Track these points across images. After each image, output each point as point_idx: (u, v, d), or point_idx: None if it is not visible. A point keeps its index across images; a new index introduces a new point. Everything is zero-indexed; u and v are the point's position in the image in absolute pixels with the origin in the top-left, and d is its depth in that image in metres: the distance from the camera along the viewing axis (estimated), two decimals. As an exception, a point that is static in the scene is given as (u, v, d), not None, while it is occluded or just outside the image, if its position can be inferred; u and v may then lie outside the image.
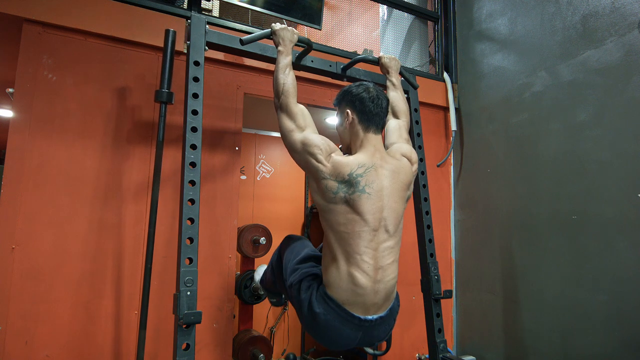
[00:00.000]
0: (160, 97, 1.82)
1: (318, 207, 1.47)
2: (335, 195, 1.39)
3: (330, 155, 1.42)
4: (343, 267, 1.38)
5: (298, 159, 1.48)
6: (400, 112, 1.87)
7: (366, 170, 1.42)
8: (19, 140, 1.79)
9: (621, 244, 2.01)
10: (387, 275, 1.42)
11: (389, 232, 1.44)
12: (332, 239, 1.42)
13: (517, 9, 2.66)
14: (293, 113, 1.51)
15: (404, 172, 1.53)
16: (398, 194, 1.49)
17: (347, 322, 1.38)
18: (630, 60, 2.03)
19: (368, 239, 1.39)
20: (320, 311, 1.39)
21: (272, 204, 3.83)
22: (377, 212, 1.41)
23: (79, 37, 1.96)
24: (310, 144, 1.43)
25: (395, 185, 1.48)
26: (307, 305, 1.43)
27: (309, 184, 1.50)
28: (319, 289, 1.44)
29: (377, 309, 1.42)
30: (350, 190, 1.39)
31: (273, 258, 1.91)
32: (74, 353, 1.82)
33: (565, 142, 2.30)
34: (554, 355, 2.27)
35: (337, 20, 3.38)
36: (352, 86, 1.59)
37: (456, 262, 3.00)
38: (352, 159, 1.44)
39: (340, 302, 1.38)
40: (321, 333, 1.42)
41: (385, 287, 1.42)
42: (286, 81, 1.57)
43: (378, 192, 1.42)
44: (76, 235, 1.87)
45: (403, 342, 2.77)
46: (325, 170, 1.40)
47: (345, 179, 1.39)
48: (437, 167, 3.04)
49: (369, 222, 1.39)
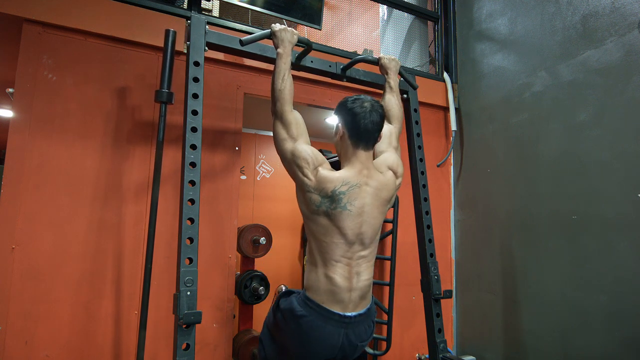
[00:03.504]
0: (160, 97, 1.82)
1: (302, 215, 1.54)
2: (318, 208, 1.46)
3: (317, 168, 1.47)
4: (321, 271, 1.47)
5: (286, 167, 1.55)
6: (393, 118, 1.87)
7: (349, 188, 1.47)
8: (19, 140, 1.79)
9: (621, 244, 2.01)
10: (361, 278, 1.51)
11: (364, 244, 1.52)
12: (313, 246, 1.51)
13: (517, 9, 2.66)
14: (287, 122, 1.54)
15: (387, 188, 1.57)
16: (378, 210, 1.55)
17: (328, 320, 1.44)
18: (630, 60, 2.03)
19: (344, 249, 1.48)
20: (302, 313, 1.45)
21: (272, 204, 3.83)
22: (355, 227, 1.48)
23: (79, 37, 1.96)
24: (299, 156, 1.48)
25: (376, 203, 1.54)
26: (289, 311, 1.48)
27: (296, 192, 1.55)
28: (299, 295, 1.51)
29: (355, 307, 1.49)
30: (332, 205, 1.45)
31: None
32: (74, 353, 1.82)
33: (565, 142, 2.29)
34: (554, 355, 2.27)
35: (337, 20, 3.38)
36: (348, 99, 1.57)
37: (456, 262, 3.00)
38: (338, 175, 1.48)
39: (320, 302, 1.45)
40: (307, 337, 1.45)
41: (360, 286, 1.50)
42: (283, 88, 1.57)
43: (359, 209, 1.48)
44: (76, 235, 1.87)
45: (403, 342, 2.77)
46: (310, 184, 1.46)
47: (329, 195, 1.44)
48: (437, 167, 3.04)
49: (347, 235, 1.47)
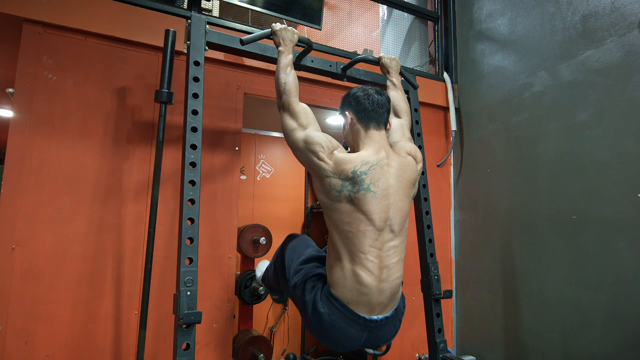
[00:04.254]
0: (160, 97, 1.82)
1: (323, 206, 1.45)
2: (339, 193, 1.37)
3: (332, 152, 1.41)
4: (347, 266, 1.36)
5: (301, 157, 1.47)
6: (402, 112, 1.87)
7: (370, 168, 1.39)
8: (19, 140, 1.79)
9: (621, 244, 2.01)
10: (392, 274, 1.40)
11: (394, 231, 1.42)
12: (336, 238, 1.40)
13: (517, 9, 2.66)
14: (295, 112, 1.51)
15: (409, 169, 1.51)
16: (404, 192, 1.47)
17: (352, 323, 1.36)
18: (630, 60, 2.03)
19: (373, 238, 1.37)
20: (324, 311, 1.37)
21: (272, 204, 3.83)
22: (382, 211, 1.39)
23: (79, 37, 1.96)
24: (311, 141, 1.42)
25: (401, 184, 1.46)
26: (311, 306, 1.41)
27: (313, 184, 1.48)
28: (323, 289, 1.42)
29: (383, 309, 1.40)
30: (355, 188, 1.36)
31: (275, 257, 1.89)
32: (74, 353, 1.82)
33: (565, 142, 2.29)
34: (554, 355, 2.27)
35: (337, 20, 3.38)
36: (350, 91, 1.60)
37: (456, 262, 3.00)
38: (355, 155, 1.42)
39: (345, 302, 1.36)
40: (326, 334, 1.40)
41: (390, 286, 1.40)
42: (287, 80, 1.57)
43: (384, 190, 1.40)
44: (76, 235, 1.87)
45: (403, 342, 2.77)
46: (328, 168, 1.38)
47: (349, 177, 1.36)
48: (437, 167, 3.04)
49: (374, 221, 1.37)
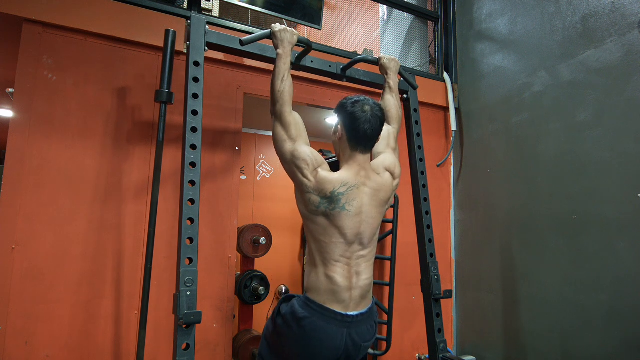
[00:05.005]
0: (160, 97, 1.82)
1: (301, 215, 1.54)
2: (317, 209, 1.46)
3: (316, 169, 1.47)
4: (321, 271, 1.47)
5: (286, 168, 1.55)
6: (392, 119, 1.87)
7: (348, 189, 1.47)
8: (19, 140, 1.79)
9: (621, 244, 2.01)
10: (361, 277, 1.51)
11: (363, 244, 1.52)
12: (312, 247, 1.51)
13: (517, 9, 2.66)
14: (287, 123, 1.54)
15: (384, 189, 1.58)
16: (376, 210, 1.55)
17: (330, 320, 1.43)
18: (630, 60, 2.03)
19: (344, 249, 1.48)
20: (304, 315, 1.43)
21: (272, 204, 3.83)
22: (354, 227, 1.48)
23: (79, 37, 1.96)
24: (298, 157, 1.48)
25: (374, 203, 1.54)
26: (290, 315, 1.46)
27: (295, 193, 1.55)
28: (299, 298, 1.50)
29: (356, 305, 1.49)
30: (331, 206, 1.45)
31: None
32: (74, 353, 1.82)
33: (565, 142, 2.29)
34: (553, 355, 2.27)
35: (337, 20, 3.38)
36: (349, 101, 1.56)
37: (456, 262, 3.00)
38: (337, 176, 1.48)
39: (322, 302, 1.45)
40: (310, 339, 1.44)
41: (360, 285, 1.50)
42: (283, 89, 1.57)
43: (357, 209, 1.49)
44: (76, 235, 1.87)
45: (403, 342, 2.77)
46: (310, 185, 1.46)
47: (328, 196, 1.45)
48: (437, 167, 3.04)
49: (346, 235, 1.47)
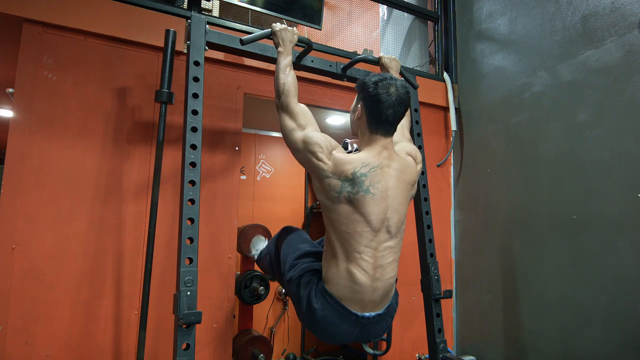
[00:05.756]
0: (160, 97, 1.82)
1: (322, 206, 1.45)
2: (339, 194, 1.37)
3: (331, 152, 1.40)
4: (342, 264, 1.38)
5: (300, 158, 1.47)
6: None
7: (371, 170, 1.38)
8: (19, 140, 1.79)
9: (621, 244, 2.01)
10: (385, 274, 1.42)
11: (390, 232, 1.43)
12: (333, 237, 1.41)
13: (517, 9, 2.66)
14: (294, 112, 1.50)
15: (409, 171, 1.50)
16: (403, 195, 1.47)
17: (344, 319, 1.39)
18: (630, 60, 2.03)
19: (369, 239, 1.38)
20: (318, 307, 1.39)
21: (272, 204, 3.83)
22: (380, 213, 1.39)
23: (79, 37, 1.96)
24: (310, 142, 1.41)
25: (400, 186, 1.45)
26: (306, 301, 1.43)
27: (313, 184, 1.48)
28: (318, 285, 1.44)
29: (375, 307, 1.43)
30: (354, 189, 1.36)
31: (270, 248, 1.89)
32: (74, 353, 1.82)
33: (565, 142, 2.29)
34: (553, 355, 2.27)
35: (337, 20, 3.37)
36: (371, 79, 1.45)
37: (456, 262, 3.00)
38: (356, 157, 1.41)
39: (339, 299, 1.38)
40: (319, 328, 1.43)
41: (383, 285, 1.42)
42: (286, 81, 1.56)
43: (383, 192, 1.40)
44: (76, 235, 1.87)
45: (403, 342, 2.77)
46: (327, 168, 1.38)
47: (349, 178, 1.36)
48: (437, 167, 3.04)
49: (371, 223, 1.38)
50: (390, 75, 1.48)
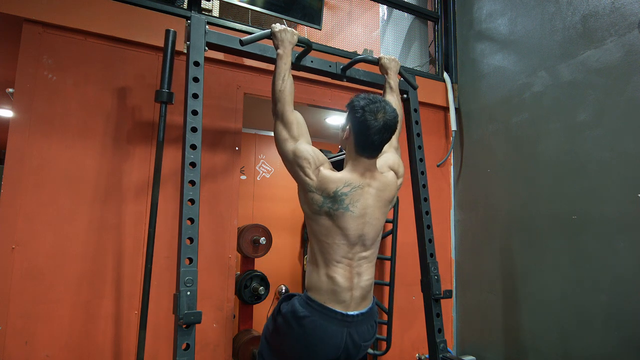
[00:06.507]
0: (160, 97, 1.82)
1: (304, 215, 1.53)
2: (320, 208, 1.45)
3: (318, 168, 1.46)
4: (322, 271, 1.47)
5: (289, 167, 1.53)
6: None
7: (352, 190, 1.46)
8: (19, 140, 1.79)
9: (621, 244, 2.01)
10: (362, 278, 1.50)
11: (365, 245, 1.51)
12: (314, 246, 1.51)
13: (517, 9, 2.66)
14: (288, 122, 1.53)
15: (389, 189, 1.57)
16: (380, 211, 1.54)
17: (331, 319, 1.43)
18: (630, 60, 2.03)
19: (346, 250, 1.47)
20: (305, 314, 1.43)
21: (272, 204, 3.83)
22: (358, 229, 1.47)
23: (79, 37, 1.96)
24: (300, 156, 1.47)
25: (378, 204, 1.53)
26: (291, 315, 1.46)
27: (298, 193, 1.54)
28: (300, 297, 1.50)
29: (357, 305, 1.49)
30: (334, 206, 1.44)
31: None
32: (74, 353, 1.82)
33: (565, 142, 2.29)
34: (553, 355, 2.27)
35: (337, 20, 3.38)
36: (361, 102, 1.46)
37: (456, 262, 3.00)
38: (340, 176, 1.46)
39: (322, 302, 1.44)
40: (310, 338, 1.43)
41: (361, 285, 1.50)
42: (283, 88, 1.57)
43: (361, 210, 1.48)
44: (76, 235, 1.87)
45: (403, 342, 2.77)
46: (312, 184, 1.45)
47: (331, 195, 1.43)
48: (437, 167, 3.04)
49: (349, 237, 1.46)
50: (380, 98, 1.50)
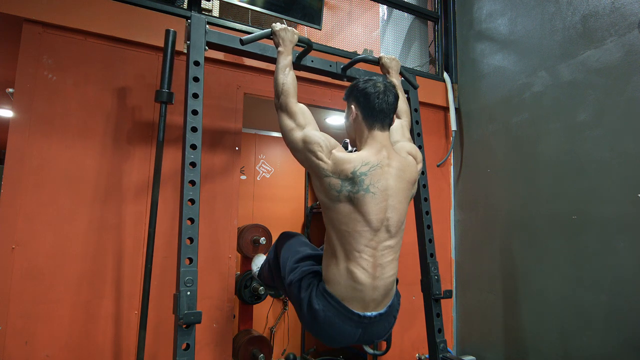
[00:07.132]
0: (160, 97, 1.82)
1: (322, 205, 1.45)
2: (339, 193, 1.37)
3: (331, 151, 1.40)
4: (342, 264, 1.39)
5: (299, 157, 1.47)
6: (402, 112, 1.87)
7: (371, 169, 1.39)
8: (19, 140, 1.79)
9: (621, 244, 2.01)
10: (385, 272, 1.42)
11: (390, 232, 1.43)
12: (333, 236, 1.42)
13: (517, 9, 2.66)
14: (293, 112, 1.50)
15: (409, 170, 1.51)
16: (403, 194, 1.47)
17: (346, 319, 1.38)
18: (630, 60, 2.03)
19: (368, 238, 1.38)
20: (319, 308, 1.38)
21: (272, 204, 3.83)
22: (380, 212, 1.39)
23: (79, 37, 1.96)
24: (310, 141, 1.42)
25: (400, 185, 1.46)
26: (306, 303, 1.43)
27: (313, 183, 1.48)
28: (318, 286, 1.44)
29: (376, 306, 1.43)
30: (354, 188, 1.37)
31: (270, 255, 1.89)
32: (74, 353, 1.82)
33: (565, 142, 2.29)
34: (554, 355, 2.27)
35: (337, 20, 3.38)
36: (359, 81, 1.54)
37: (456, 262, 3.00)
38: (356, 156, 1.41)
39: (340, 299, 1.38)
40: (321, 330, 1.42)
41: (384, 283, 1.42)
42: (286, 81, 1.56)
43: (383, 191, 1.40)
44: (76, 235, 1.87)
45: (403, 342, 2.77)
46: (327, 167, 1.38)
47: (349, 177, 1.37)
48: (437, 167, 3.04)
49: (371, 222, 1.38)
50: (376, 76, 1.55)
